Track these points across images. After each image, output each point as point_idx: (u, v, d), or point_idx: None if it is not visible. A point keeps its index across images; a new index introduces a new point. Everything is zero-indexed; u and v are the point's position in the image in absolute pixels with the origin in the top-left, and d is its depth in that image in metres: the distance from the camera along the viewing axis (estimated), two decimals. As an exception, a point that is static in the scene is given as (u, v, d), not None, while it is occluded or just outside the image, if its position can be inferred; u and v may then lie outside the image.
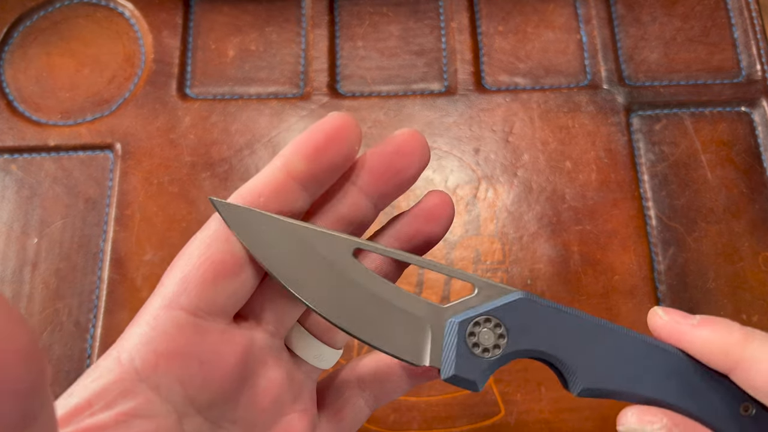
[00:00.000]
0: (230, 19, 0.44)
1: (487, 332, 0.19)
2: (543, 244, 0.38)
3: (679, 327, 0.21)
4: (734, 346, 0.20)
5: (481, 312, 0.19)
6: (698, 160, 0.40)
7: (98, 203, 0.39)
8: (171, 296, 0.19)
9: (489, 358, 0.19)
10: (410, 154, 0.21)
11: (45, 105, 0.42)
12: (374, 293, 0.19)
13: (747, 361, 0.20)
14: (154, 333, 0.18)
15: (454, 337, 0.19)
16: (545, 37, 0.43)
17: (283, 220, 0.19)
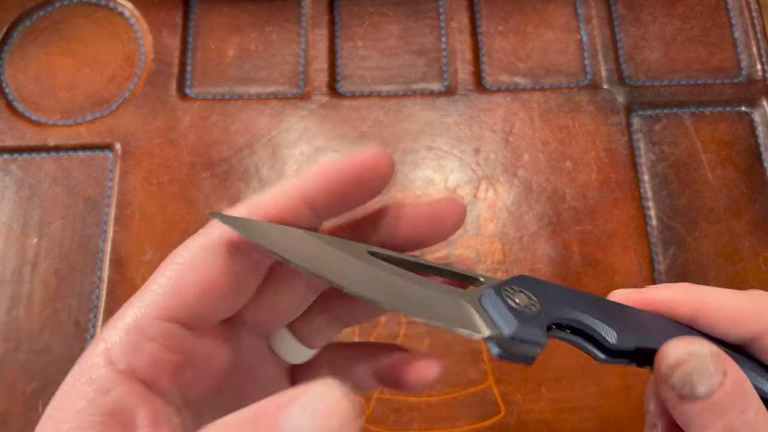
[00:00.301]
0: (230, 19, 0.44)
1: (520, 295, 0.18)
2: (543, 244, 0.38)
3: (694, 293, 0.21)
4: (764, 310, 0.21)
5: (504, 282, 0.19)
6: (699, 160, 0.40)
7: (98, 203, 0.39)
8: (166, 308, 0.18)
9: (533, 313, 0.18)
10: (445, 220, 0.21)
11: (45, 105, 0.42)
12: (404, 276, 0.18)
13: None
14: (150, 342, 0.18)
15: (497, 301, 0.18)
16: (545, 37, 0.43)
17: (295, 230, 0.19)
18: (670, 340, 0.20)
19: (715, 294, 0.22)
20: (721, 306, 0.22)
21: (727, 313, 0.21)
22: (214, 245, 0.19)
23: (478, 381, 0.35)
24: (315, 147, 0.41)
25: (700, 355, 0.20)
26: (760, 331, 0.21)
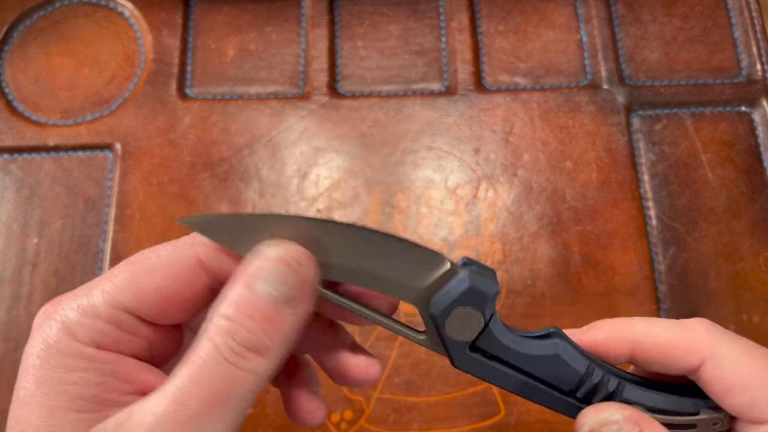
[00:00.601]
0: (230, 19, 0.44)
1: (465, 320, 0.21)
2: (543, 244, 0.38)
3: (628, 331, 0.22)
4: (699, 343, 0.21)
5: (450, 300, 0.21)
6: (698, 160, 0.40)
7: (98, 203, 0.39)
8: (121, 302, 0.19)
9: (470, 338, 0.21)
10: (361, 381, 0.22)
11: (44, 105, 0.42)
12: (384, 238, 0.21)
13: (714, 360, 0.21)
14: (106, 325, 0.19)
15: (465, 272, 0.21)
16: (545, 37, 0.43)
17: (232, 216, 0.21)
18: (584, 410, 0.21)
19: (649, 330, 0.22)
20: (655, 343, 0.22)
21: (662, 349, 0.22)
22: (184, 258, 0.20)
23: (478, 381, 0.35)
24: (315, 147, 0.41)
25: (611, 422, 0.20)
26: (695, 365, 0.21)
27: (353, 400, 0.35)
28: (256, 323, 0.18)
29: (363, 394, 0.35)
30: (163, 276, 0.19)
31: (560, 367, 0.21)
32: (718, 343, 0.21)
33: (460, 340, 0.21)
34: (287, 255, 0.19)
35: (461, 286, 0.20)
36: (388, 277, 0.21)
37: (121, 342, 0.19)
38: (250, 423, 0.35)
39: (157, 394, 0.17)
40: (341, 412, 0.35)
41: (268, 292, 0.18)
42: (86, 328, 0.18)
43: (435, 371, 0.36)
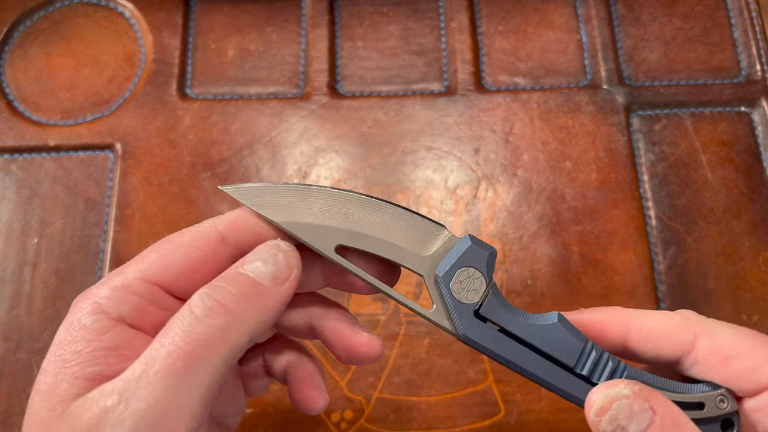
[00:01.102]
0: (230, 19, 0.44)
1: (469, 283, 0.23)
2: (543, 244, 0.38)
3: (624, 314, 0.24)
4: (690, 323, 0.22)
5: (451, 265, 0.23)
6: (698, 160, 0.40)
7: (98, 203, 0.39)
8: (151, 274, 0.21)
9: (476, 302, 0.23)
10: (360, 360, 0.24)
11: (45, 105, 0.42)
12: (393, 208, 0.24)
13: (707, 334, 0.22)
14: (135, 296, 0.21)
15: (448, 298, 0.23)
16: (545, 37, 0.43)
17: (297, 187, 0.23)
18: (594, 388, 0.21)
19: (642, 317, 0.23)
20: (647, 328, 0.23)
21: (653, 335, 0.23)
22: (205, 236, 0.22)
23: (477, 381, 0.35)
24: (315, 147, 0.41)
25: (622, 396, 0.21)
26: (684, 349, 0.22)
27: (353, 400, 0.35)
28: (236, 286, 0.21)
29: (363, 393, 0.35)
30: (188, 250, 0.22)
31: (560, 338, 0.22)
32: (709, 323, 0.23)
33: (466, 304, 0.22)
34: (281, 244, 0.22)
35: (463, 245, 0.23)
36: (399, 246, 0.23)
37: (147, 313, 0.21)
38: (250, 423, 0.35)
39: (134, 362, 0.19)
40: (341, 412, 0.35)
41: (258, 267, 0.21)
42: (115, 301, 0.21)
43: (435, 371, 0.36)
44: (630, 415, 0.20)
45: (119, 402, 0.18)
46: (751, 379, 0.21)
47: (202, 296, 0.20)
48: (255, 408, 0.35)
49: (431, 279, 0.23)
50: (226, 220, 0.23)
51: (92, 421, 0.18)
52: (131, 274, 0.21)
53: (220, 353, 0.19)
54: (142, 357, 0.19)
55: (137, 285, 0.21)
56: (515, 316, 0.23)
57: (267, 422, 0.35)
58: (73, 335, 0.20)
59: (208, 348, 0.19)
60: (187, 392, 0.19)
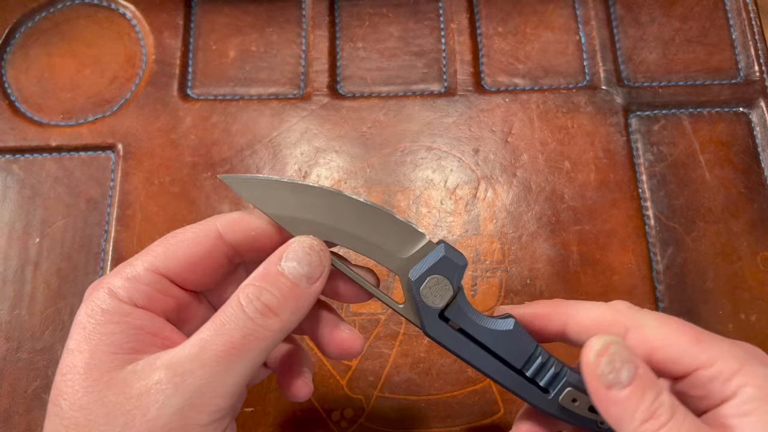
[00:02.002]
0: (231, 20, 0.44)
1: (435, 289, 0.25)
2: (542, 244, 0.38)
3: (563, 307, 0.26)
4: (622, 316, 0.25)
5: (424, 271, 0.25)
6: (697, 160, 0.40)
7: (100, 203, 0.40)
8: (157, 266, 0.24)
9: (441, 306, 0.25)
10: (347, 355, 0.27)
11: (46, 105, 0.42)
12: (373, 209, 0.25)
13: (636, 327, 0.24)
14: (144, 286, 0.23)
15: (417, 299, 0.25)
16: (544, 38, 0.44)
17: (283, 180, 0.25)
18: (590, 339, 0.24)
19: (580, 308, 0.25)
20: (583, 321, 0.25)
21: (588, 327, 0.25)
22: (205, 233, 0.24)
23: (477, 380, 0.36)
24: (315, 147, 0.41)
25: (617, 342, 0.23)
26: (620, 334, 0.24)
27: (354, 399, 0.35)
28: (279, 289, 0.23)
29: (363, 392, 0.36)
30: (190, 245, 0.24)
31: (513, 343, 0.25)
32: (637, 315, 0.25)
33: (432, 307, 0.25)
34: (315, 244, 0.24)
35: (437, 255, 0.25)
36: (379, 246, 0.25)
37: (155, 300, 0.23)
38: (252, 421, 0.35)
39: (185, 344, 0.22)
40: (342, 411, 0.35)
41: (295, 267, 0.23)
42: (127, 289, 0.23)
43: (434, 370, 0.36)
44: (623, 359, 0.22)
45: (174, 375, 0.21)
46: (674, 368, 0.23)
47: (252, 298, 0.22)
48: (256, 407, 0.35)
49: (405, 280, 0.25)
50: (225, 220, 0.25)
51: (142, 390, 0.21)
52: (140, 266, 0.24)
53: (263, 346, 0.22)
54: (194, 340, 0.22)
55: (145, 275, 0.23)
56: (476, 320, 0.25)
57: (267, 421, 0.35)
58: (97, 318, 0.22)
59: (254, 342, 0.22)
60: (233, 375, 0.22)
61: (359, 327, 0.37)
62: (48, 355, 0.36)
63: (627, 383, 0.22)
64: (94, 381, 0.21)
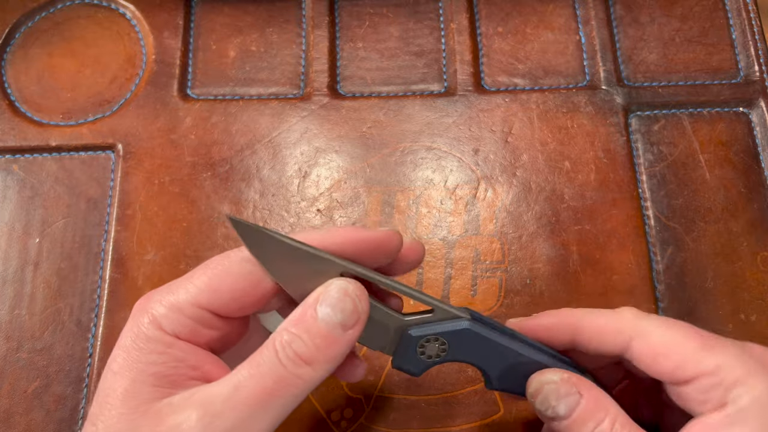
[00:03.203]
0: (231, 20, 0.44)
1: (433, 346, 0.26)
2: (542, 244, 0.38)
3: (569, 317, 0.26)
4: (627, 324, 0.25)
5: (432, 333, 0.25)
6: (697, 160, 0.40)
7: (100, 203, 0.40)
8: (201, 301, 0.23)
9: (430, 361, 0.26)
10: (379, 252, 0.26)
11: (46, 105, 0.42)
12: None
13: (641, 335, 0.25)
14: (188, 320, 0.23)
15: (407, 345, 0.26)
16: (544, 38, 0.44)
17: (284, 241, 0.23)
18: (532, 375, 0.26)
19: (587, 317, 0.26)
20: (590, 331, 0.26)
21: (596, 333, 0.26)
22: (253, 261, 0.24)
23: (477, 379, 0.36)
24: (315, 147, 0.41)
25: (551, 381, 0.25)
26: (624, 343, 0.25)
27: (354, 399, 0.35)
28: (312, 338, 0.22)
29: (363, 392, 0.36)
30: (236, 279, 0.23)
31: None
32: (643, 322, 0.25)
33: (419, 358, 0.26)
34: (350, 289, 0.23)
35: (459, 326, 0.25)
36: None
37: (198, 334, 0.23)
38: (250, 421, 0.35)
39: (220, 381, 0.22)
40: (341, 411, 0.35)
41: (329, 314, 0.23)
42: (171, 321, 0.23)
43: (434, 370, 0.36)
44: (557, 397, 0.24)
45: (204, 415, 0.21)
46: (677, 375, 0.24)
47: (284, 345, 0.22)
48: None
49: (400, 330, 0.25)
50: None
51: (173, 425, 0.21)
52: (183, 298, 0.23)
53: (295, 393, 0.22)
54: (230, 380, 0.22)
55: (189, 309, 0.23)
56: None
57: (267, 421, 0.35)
58: (141, 346, 0.22)
59: (286, 389, 0.22)
60: (264, 419, 0.22)
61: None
62: (48, 355, 0.36)
63: (565, 416, 0.24)
64: (130, 409, 0.22)
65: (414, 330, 0.25)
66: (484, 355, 0.26)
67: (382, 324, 0.25)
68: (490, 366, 0.26)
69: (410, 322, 0.25)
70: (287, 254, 0.23)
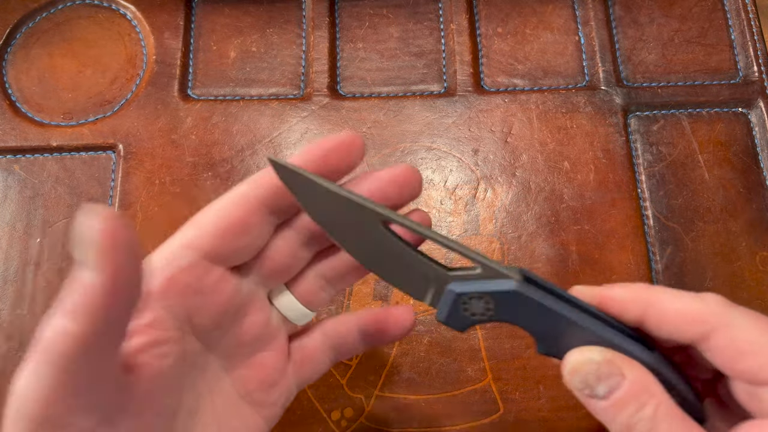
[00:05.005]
0: (231, 21, 0.44)
1: (478, 304, 0.24)
2: (541, 244, 0.38)
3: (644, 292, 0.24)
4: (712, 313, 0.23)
5: (476, 290, 0.23)
6: (696, 161, 0.40)
7: (100, 203, 0.40)
8: (188, 239, 0.23)
9: (475, 318, 0.24)
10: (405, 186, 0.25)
11: (47, 106, 0.42)
12: (394, 253, 0.24)
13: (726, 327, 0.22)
14: (170, 265, 0.23)
15: (449, 301, 0.24)
16: (544, 39, 0.44)
17: (328, 187, 0.23)
18: (569, 351, 0.24)
19: (664, 296, 0.23)
20: (669, 308, 0.23)
21: (674, 315, 0.23)
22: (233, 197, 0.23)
23: (477, 379, 0.36)
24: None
25: (593, 361, 0.23)
26: (705, 333, 0.22)
27: (354, 398, 0.36)
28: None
29: (363, 392, 0.36)
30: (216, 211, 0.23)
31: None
32: (730, 313, 0.23)
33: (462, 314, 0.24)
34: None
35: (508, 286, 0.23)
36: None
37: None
38: (251, 421, 0.35)
39: None
40: (342, 410, 0.35)
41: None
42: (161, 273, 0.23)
43: (434, 369, 0.36)
44: (598, 378, 0.22)
45: None
46: (759, 377, 0.22)
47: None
48: (256, 406, 0.35)
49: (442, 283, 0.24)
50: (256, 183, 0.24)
51: None
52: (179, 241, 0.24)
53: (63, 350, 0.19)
54: None
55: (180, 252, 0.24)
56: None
57: (268, 420, 0.35)
58: None
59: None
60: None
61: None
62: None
63: (605, 397, 0.22)
64: None
65: (457, 285, 0.24)
66: (534, 319, 0.24)
67: (423, 274, 0.24)
68: (541, 331, 0.24)
69: (454, 277, 0.24)
70: (329, 200, 0.23)
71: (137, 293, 0.19)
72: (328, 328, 0.28)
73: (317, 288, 0.27)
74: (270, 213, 0.24)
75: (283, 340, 0.27)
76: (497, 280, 0.23)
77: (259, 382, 0.26)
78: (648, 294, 0.24)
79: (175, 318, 0.23)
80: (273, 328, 0.27)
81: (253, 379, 0.26)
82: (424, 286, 0.24)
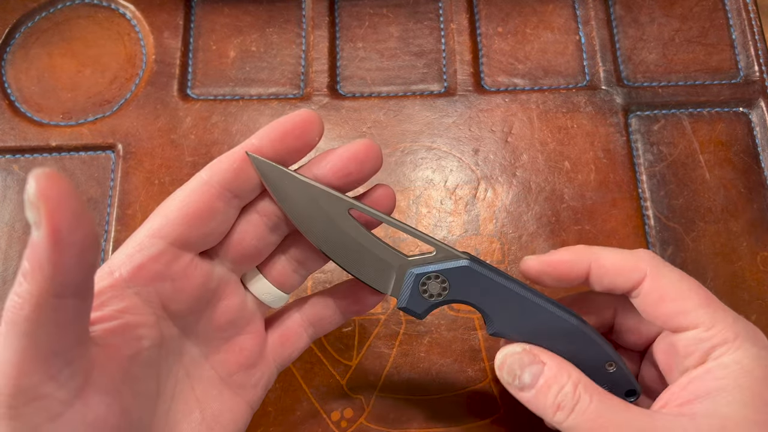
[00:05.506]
0: (231, 20, 0.44)
1: (435, 284, 0.26)
2: (542, 244, 0.38)
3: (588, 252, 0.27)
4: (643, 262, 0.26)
5: (433, 270, 0.26)
6: (696, 161, 0.40)
7: (100, 203, 0.40)
8: (155, 229, 0.24)
9: (432, 300, 0.27)
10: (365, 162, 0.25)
11: (47, 105, 0.42)
12: (359, 241, 0.26)
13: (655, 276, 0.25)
14: (139, 254, 0.23)
15: (411, 283, 0.26)
16: (544, 38, 0.44)
17: (299, 179, 0.25)
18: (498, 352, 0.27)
19: (603, 252, 0.27)
20: (607, 262, 0.27)
21: (611, 267, 0.27)
22: (194, 185, 0.24)
23: (477, 379, 0.36)
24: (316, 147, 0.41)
25: (516, 352, 0.26)
26: (636, 281, 0.26)
27: (354, 399, 0.35)
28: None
29: (363, 392, 0.36)
30: (180, 199, 0.24)
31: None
32: (658, 264, 0.26)
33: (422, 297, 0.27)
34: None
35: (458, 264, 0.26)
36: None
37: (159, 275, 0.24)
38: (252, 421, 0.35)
39: None
40: (342, 411, 0.35)
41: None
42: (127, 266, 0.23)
43: (434, 370, 0.36)
44: (521, 366, 0.26)
45: None
46: (675, 320, 0.25)
47: None
48: (255, 407, 0.35)
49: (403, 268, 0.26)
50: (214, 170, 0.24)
51: None
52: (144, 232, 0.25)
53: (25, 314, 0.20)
54: None
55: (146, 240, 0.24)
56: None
57: (267, 421, 0.35)
58: None
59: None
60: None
61: (359, 327, 0.37)
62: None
63: (531, 384, 0.26)
64: None
65: (416, 268, 0.26)
66: (484, 295, 0.26)
67: (386, 262, 0.26)
68: (489, 307, 0.27)
69: (413, 262, 0.26)
70: (301, 191, 0.25)
71: (90, 251, 0.18)
72: (305, 306, 0.29)
73: (290, 270, 0.28)
74: (233, 196, 0.24)
75: (260, 322, 0.28)
76: (451, 261, 0.26)
77: (239, 365, 0.27)
78: (590, 253, 0.27)
79: (148, 304, 0.24)
80: (248, 311, 0.27)
81: (232, 363, 0.27)
82: (387, 274, 0.26)
